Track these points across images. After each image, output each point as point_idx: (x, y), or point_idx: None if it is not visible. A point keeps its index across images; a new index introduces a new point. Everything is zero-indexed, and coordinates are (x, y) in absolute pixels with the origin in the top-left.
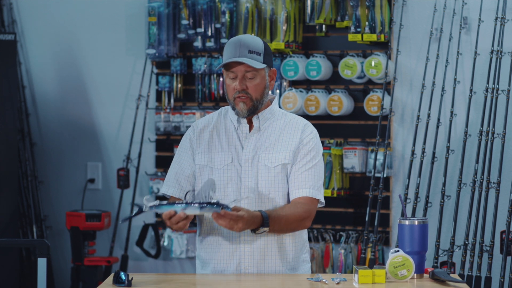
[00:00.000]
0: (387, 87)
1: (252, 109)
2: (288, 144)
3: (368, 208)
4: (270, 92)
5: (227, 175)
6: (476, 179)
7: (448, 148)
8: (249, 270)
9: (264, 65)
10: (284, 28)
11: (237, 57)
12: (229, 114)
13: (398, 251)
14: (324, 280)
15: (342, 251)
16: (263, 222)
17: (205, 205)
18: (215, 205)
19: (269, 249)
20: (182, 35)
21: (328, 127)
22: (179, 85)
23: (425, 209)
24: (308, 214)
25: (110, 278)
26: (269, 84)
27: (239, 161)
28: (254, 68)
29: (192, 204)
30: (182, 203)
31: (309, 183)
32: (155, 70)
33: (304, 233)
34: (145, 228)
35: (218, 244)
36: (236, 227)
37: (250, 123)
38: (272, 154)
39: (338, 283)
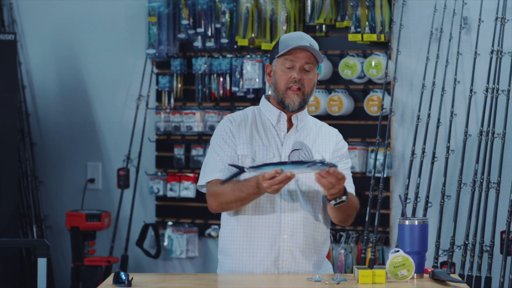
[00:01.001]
0: (387, 87)
1: (302, 104)
2: (326, 145)
3: (368, 208)
4: None
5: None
6: (476, 179)
7: (448, 148)
8: (286, 265)
9: (319, 62)
10: (284, 28)
11: (305, 45)
12: (264, 112)
13: (398, 251)
14: (324, 280)
15: (342, 251)
16: (345, 192)
17: (313, 163)
18: (322, 164)
19: (308, 244)
20: (182, 35)
21: None
22: (179, 85)
23: (425, 209)
24: (358, 208)
25: (110, 278)
26: (315, 84)
27: (280, 157)
28: (313, 61)
29: (299, 163)
30: (286, 163)
31: (351, 183)
32: (155, 70)
33: (329, 237)
34: (145, 228)
35: (257, 238)
36: (338, 187)
37: (288, 122)
38: (313, 152)
39: (338, 283)
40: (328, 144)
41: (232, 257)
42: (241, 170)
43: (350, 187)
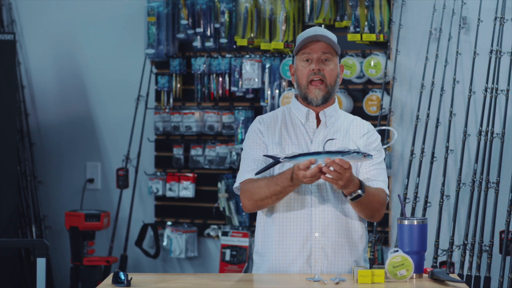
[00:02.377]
0: (386, 87)
1: (326, 96)
2: (356, 140)
3: None
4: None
5: None
6: (475, 179)
7: (447, 148)
8: (319, 264)
9: (338, 52)
10: (283, 28)
11: (317, 34)
12: (293, 111)
13: (397, 251)
14: (323, 280)
15: None
16: (360, 186)
17: (347, 153)
18: (356, 153)
19: (341, 242)
20: (181, 35)
21: None
22: (178, 85)
23: (424, 209)
24: (385, 202)
25: (109, 278)
26: (340, 75)
27: None
28: (330, 50)
29: (333, 153)
30: (320, 153)
31: (381, 177)
32: (154, 70)
33: (367, 233)
34: (144, 228)
35: (289, 237)
36: (345, 178)
37: (317, 118)
38: (343, 145)
39: (337, 283)
40: (358, 139)
41: (266, 258)
42: (276, 160)
43: (379, 181)
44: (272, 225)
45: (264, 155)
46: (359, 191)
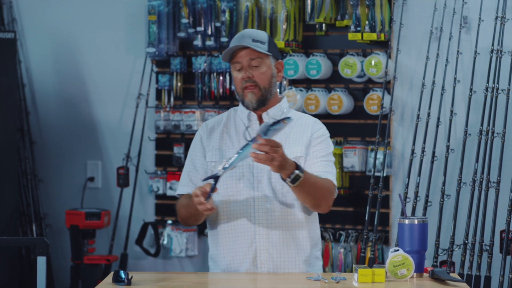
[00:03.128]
0: (387, 86)
1: (261, 99)
2: (300, 139)
3: (367, 207)
4: (278, 91)
5: (240, 170)
6: (476, 178)
7: (448, 147)
8: (265, 265)
9: (269, 53)
10: (284, 27)
11: (238, 44)
12: (238, 113)
13: (397, 250)
14: (323, 279)
15: (342, 250)
16: (297, 167)
17: (267, 128)
18: (274, 124)
19: (286, 243)
20: (182, 34)
21: (328, 126)
22: (179, 84)
23: (425, 208)
24: (332, 192)
25: (109, 277)
26: (276, 75)
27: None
28: (258, 55)
29: (243, 149)
30: (247, 145)
31: (327, 169)
32: (155, 69)
33: (318, 229)
34: (144, 226)
35: (234, 239)
36: (278, 158)
37: (260, 120)
38: (286, 149)
39: (337, 282)
40: (301, 137)
41: (217, 262)
42: (216, 177)
43: (326, 172)
44: (219, 230)
45: (204, 180)
46: (297, 171)
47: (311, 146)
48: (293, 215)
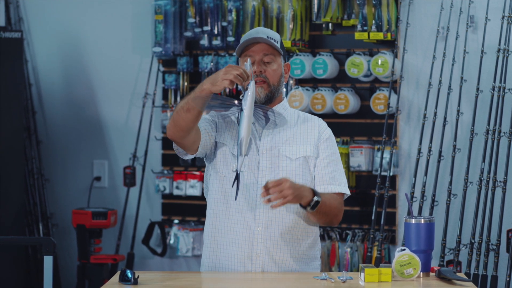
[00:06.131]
0: (394, 85)
1: (269, 95)
2: (308, 137)
3: (374, 207)
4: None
5: (244, 166)
6: (482, 178)
7: (454, 146)
8: (260, 258)
9: (281, 52)
10: (291, 26)
11: (256, 37)
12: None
13: (404, 249)
14: (330, 279)
15: (348, 249)
16: (314, 193)
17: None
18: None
19: (283, 238)
20: (188, 33)
21: (334, 126)
22: (186, 83)
23: (432, 208)
24: (342, 207)
25: (116, 276)
26: (284, 75)
27: (257, 151)
28: (272, 52)
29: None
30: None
31: (338, 180)
32: (162, 68)
33: (317, 230)
34: (151, 226)
35: (231, 232)
36: (292, 193)
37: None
38: (293, 147)
39: (344, 282)
40: (309, 136)
41: (211, 252)
42: (238, 176)
43: (336, 185)
44: (218, 222)
45: (232, 186)
46: (315, 198)
47: (320, 147)
48: (295, 213)
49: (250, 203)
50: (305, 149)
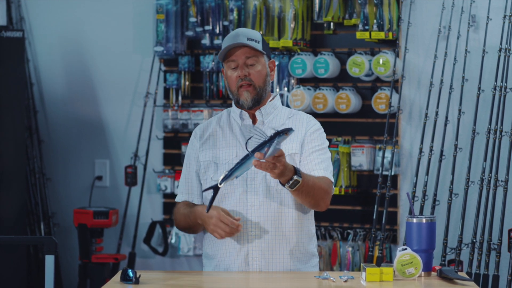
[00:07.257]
0: (395, 85)
1: (256, 98)
2: (295, 136)
3: (375, 206)
4: (270, 90)
5: None
6: (484, 177)
7: (456, 146)
8: (257, 262)
9: (263, 52)
10: (292, 25)
11: (237, 42)
12: (231, 112)
13: (405, 249)
14: (331, 278)
15: (350, 249)
16: (296, 172)
17: (272, 139)
18: (279, 134)
19: (277, 240)
20: (190, 33)
21: (335, 125)
22: (187, 83)
23: (433, 207)
24: (329, 189)
25: (117, 276)
26: (270, 74)
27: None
28: (254, 53)
29: (260, 147)
30: (248, 156)
31: (322, 165)
32: (163, 68)
33: (312, 227)
34: (152, 225)
35: (226, 239)
36: (280, 166)
37: (253, 118)
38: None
39: (345, 281)
40: (296, 134)
41: (213, 260)
42: (216, 189)
43: (321, 170)
44: None
45: (203, 191)
46: (295, 177)
47: (305, 142)
48: (287, 212)
49: (241, 207)
50: (291, 147)
